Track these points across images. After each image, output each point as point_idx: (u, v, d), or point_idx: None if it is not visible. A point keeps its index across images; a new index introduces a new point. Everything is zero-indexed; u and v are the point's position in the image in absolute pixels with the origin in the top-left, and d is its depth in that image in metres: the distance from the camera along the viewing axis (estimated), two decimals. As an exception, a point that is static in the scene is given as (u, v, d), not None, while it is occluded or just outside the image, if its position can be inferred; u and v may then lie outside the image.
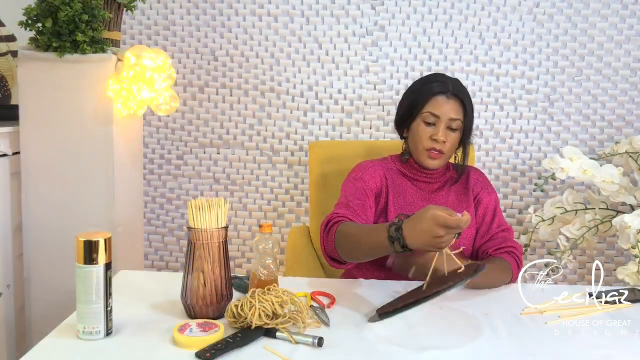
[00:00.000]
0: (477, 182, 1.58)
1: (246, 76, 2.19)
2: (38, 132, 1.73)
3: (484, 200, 1.55)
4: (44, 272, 1.78)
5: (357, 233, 1.32)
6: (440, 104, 1.48)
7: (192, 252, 1.18)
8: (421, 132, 1.50)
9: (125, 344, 1.07)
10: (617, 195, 1.80)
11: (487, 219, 1.54)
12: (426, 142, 1.49)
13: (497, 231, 1.52)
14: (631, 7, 2.12)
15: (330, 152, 1.92)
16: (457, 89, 1.50)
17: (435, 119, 1.48)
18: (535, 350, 1.08)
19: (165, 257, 2.32)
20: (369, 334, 1.13)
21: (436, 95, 1.49)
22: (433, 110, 1.48)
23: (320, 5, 2.15)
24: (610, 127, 2.19)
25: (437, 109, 1.48)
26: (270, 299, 1.11)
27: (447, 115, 1.47)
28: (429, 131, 1.49)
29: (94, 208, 1.75)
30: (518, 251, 1.48)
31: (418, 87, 1.55)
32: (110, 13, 1.74)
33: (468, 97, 1.52)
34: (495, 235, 1.52)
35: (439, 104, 1.48)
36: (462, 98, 1.49)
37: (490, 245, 1.50)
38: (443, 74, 1.57)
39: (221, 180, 2.26)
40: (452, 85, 1.50)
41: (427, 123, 1.49)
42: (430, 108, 1.49)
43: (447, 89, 1.49)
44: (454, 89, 1.49)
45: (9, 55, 2.04)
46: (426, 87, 1.51)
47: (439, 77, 1.54)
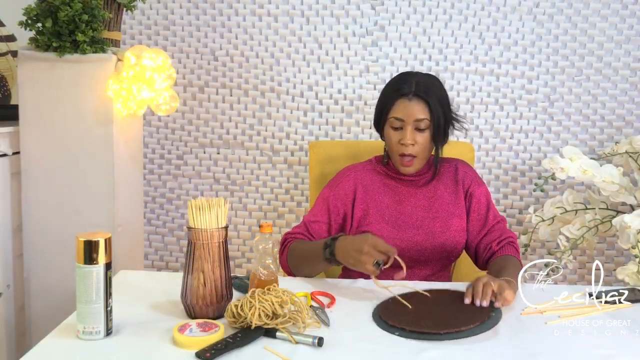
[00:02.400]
0: (467, 175, 1.60)
1: (246, 76, 2.19)
2: (38, 132, 1.73)
3: (475, 193, 1.57)
4: (44, 272, 1.78)
5: (304, 247, 1.46)
6: (403, 107, 1.48)
7: (192, 252, 1.18)
8: (391, 138, 1.52)
9: (125, 344, 1.07)
10: (617, 195, 1.80)
11: (482, 211, 1.56)
12: (396, 147, 1.51)
13: (494, 223, 1.55)
14: (631, 7, 2.12)
15: (330, 152, 1.92)
16: (420, 88, 1.48)
17: (401, 123, 1.49)
18: (535, 350, 1.08)
19: (165, 257, 2.32)
20: (369, 334, 1.13)
21: (399, 99, 1.49)
22: (397, 115, 1.49)
23: (320, 5, 2.15)
24: (610, 127, 2.19)
25: (401, 112, 1.49)
26: (270, 299, 1.11)
27: (412, 117, 1.48)
28: (397, 136, 1.50)
29: (94, 208, 1.75)
30: (515, 240, 1.54)
31: (384, 92, 1.56)
32: (110, 13, 1.74)
33: (434, 94, 1.49)
34: (493, 228, 1.54)
35: (402, 108, 1.48)
36: (426, 97, 1.47)
37: (491, 238, 1.53)
38: (409, 74, 1.55)
39: (221, 180, 2.26)
40: (416, 86, 1.48)
41: (395, 128, 1.51)
42: (394, 113, 1.50)
43: (410, 91, 1.48)
44: (417, 89, 1.48)
45: (9, 55, 2.04)
46: (390, 92, 1.52)
47: (403, 78, 1.52)
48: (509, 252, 1.48)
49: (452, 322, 1.12)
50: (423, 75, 1.54)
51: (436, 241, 1.52)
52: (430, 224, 1.53)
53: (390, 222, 1.53)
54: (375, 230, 1.51)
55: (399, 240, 1.50)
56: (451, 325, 1.11)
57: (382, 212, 1.54)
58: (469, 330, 1.10)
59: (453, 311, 1.18)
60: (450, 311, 1.18)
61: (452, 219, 1.54)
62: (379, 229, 1.51)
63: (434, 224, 1.53)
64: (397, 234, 1.52)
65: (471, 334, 1.10)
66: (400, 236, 1.51)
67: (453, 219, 1.54)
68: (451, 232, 1.53)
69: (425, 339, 1.10)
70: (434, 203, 1.55)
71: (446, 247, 1.52)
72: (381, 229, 1.51)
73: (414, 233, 1.52)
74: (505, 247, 1.50)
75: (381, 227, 1.52)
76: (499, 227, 1.55)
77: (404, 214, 1.54)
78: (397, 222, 1.54)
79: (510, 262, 1.42)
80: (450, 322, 1.13)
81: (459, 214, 1.55)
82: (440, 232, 1.52)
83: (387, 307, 1.24)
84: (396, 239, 1.50)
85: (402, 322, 1.15)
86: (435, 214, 1.54)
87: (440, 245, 1.52)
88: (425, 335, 1.10)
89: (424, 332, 1.11)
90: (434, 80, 1.53)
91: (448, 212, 1.55)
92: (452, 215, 1.55)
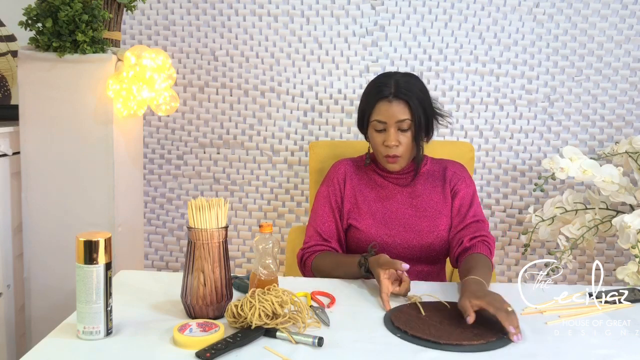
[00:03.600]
0: (455, 175, 1.61)
1: (246, 76, 2.19)
2: (38, 132, 1.73)
3: (460, 192, 1.58)
4: (44, 272, 1.78)
5: (331, 267, 1.50)
6: (384, 109, 1.49)
7: (192, 252, 1.18)
8: (375, 139, 1.54)
9: (125, 344, 1.07)
10: (617, 195, 1.80)
11: (462, 209, 1.56)
12: (381, 149, 1.53)
13: (471, 220, 1.54)
14: (631, 7, 2.12)
15: (330, 152, 1.92)
16: (399, 89, 1.49)
17: (384, 125, 1.50)
18: (535, 350, 1.08)
19: (165, 257, 2.32)
20: (369, 334, 1.13)
21: (379, 102, 1.50)
22: (379, 118, 1.50)
23: (320, 5, 2.15)
24: (610, 127, 2.19)
25: (382, 115, 1.50)
26: (270, 299, 1.11)
27: (394, 119, 1.49)
28: (381, 137, 1.52)
29: (94, 208, 1.75)
30: (492, 241, 1.51)
31: (365, 95, 1.57)
32: (111, 13, 1.74)
33: (414, 94, 1.49)
34: (469, 225, 1.53)
35: (384, 110, 1.49)
36: (406, 98, 1.48)
37: (464, 233, 1.51)
38: (388, 75, 1.55)
39: (221, 180, 2.26)
40: (395, 87, 1.49)
41: (378, 130, 1.52)
42: (376, 116, 1.51)
43: (390, 93, 1.49)
44: (397, 91, 1.48)
45: (9, 55, 2.04)
46: (370, 95, 1.53)
47: (383, 80, 1.53)
48: (481, 251, 1.45)
49: (455, 336, 1.11)
50: (402, 75, 1.54)
51: (424, 240, 1.53)
52: (418, 223, 1.54)
53: (377, 218, 1.56)
54: (364, 225, 1.54)
55: (386, 236, 1.53)
56: (454, 337, 1.11)
57: (369, 206, 1.57)
58: (470, 346, 1.09)
59: (464, 326, 1.15)
60: (461, 325, 1.15)
61: (440, 218, 1.55)
62: (367, 225, 1.54)
63: (421, 223, 1.54)
64: (385, 231, 1.54)
65: (470, 350, 1.08)
66: (388, 233, 1.54)
67: (441, 218, 1.55)
68: (439, 231, 1.54)
69: (423, 345, 1.09)
70: (421, 202, 1.57)
71: (434, 246, 1.54)
72: (369, 225, 1.54)
73: (401, 231, 1.54)
74: (478, 244, 1.47)
75: (369, 223, 1.55)
76: (476, 225, 1.53)
77: (390, 210, 1.56)
78: (384, 218, 1.56)
79: (480, 262, 1.39)
80: (454, 335, 1.12)
81: (446, 213, 1.56)
82: (428, 232, 1.53)
83: (401, 309, 1.24)
84: (384, 236, 1.53)
85: (407, 325, 1.15)
86: (423, 213, 1.55)
87: (429, 245, 1.53)
88: (423, 341, 1.10)
89: (423, 338, 1.10)
90: (414, 80, 1.53)
91: (436, 211, 1.56)
92: (440, 214, 1.56)
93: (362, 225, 1.55)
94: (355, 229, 1.56)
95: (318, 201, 1.62)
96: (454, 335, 1.11)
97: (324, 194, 1.61)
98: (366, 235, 1.54)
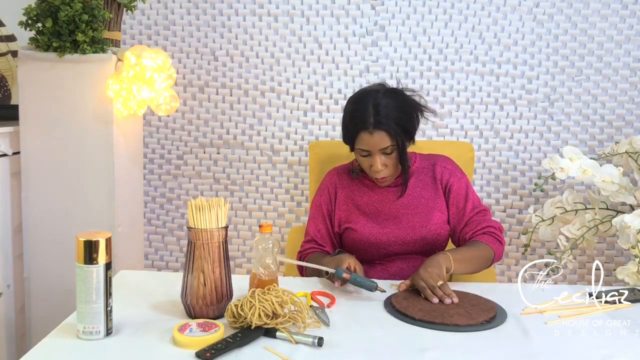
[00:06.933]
0: (445, 171, 1.63)
1: (246, 76, 2.19)
2: (38, 132, 1.73)
3: (454, 187, 1.60)
4: (44, 272, 1.78)
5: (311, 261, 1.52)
6: (366, 140, 1.50)
7: (192, 252, 1.18)
8: (362, 163, 1.58)
9: (125, 344, 1.07)
10: (617, 195, 1.80)
11: (460, 204, 1.59)
12: (369, 171, 1.57)
13: (471, 215, 1.58)
14: (631, 7, 2.12)
15: (330, 152, 1.92)
16: (379, 119, 1.47)
17: (368, 152, 1.52)
18: (535, 350, 1.08)
19: (165, 257, 2.32)
20: (369, 334, 1.14)
21: (360, 133, 1.50)
22: (362, 147, 1.52)
23: (320, 5, 2.15)
24: (610, 127, 2.19)
25: (365, 145, 1.51)
26: (270, 299, 1.11)
27: (377, 148, 1.51)
28: (367, 162, 1.55)
29: (94, 208, 1.75)
30: (496, 229, 1.56)
31: (346, 122, 1.56)
32: (111, 13, 1.74)
33: (393, 119, 1.48)
34: (470, 220, 1.58)
35: (365, 141, 1.50)
36: (386, 128, 1.47)
37: (467, 230, 1.57)
38: (366, 98, 1.51)
39: (221, 180, 2.26)
40: (374, 117, 1.47)
41: (363, 155, 1.54)
42: (359, 145, 1.53)
43: (370, 124, 1.47)
44: (376, 122, 1.47)
45: (9, 55, 2.04)
46: (351, 125, 1.53)
47: (361, 108, 1.50)
48: (481, 240, 1.52)
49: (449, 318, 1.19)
50: (380, 96, 1.51)
51: (417, 235, 1.56)
52: (411, 219, 1.58)
53: (372, 218, 1.59)
54: (360, 226, 1.58)
55: (382, 235, 1.57)
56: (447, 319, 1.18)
57: (363, 209, 1.61)
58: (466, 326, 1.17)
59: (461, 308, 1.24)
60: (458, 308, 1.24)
61: (433, 212, 1.58)
62: (363, 225, 1.58)
63: (414, 218, 1.57)
64: (380, 230, 1.57)
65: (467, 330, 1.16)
66: (382, 231, 1.57)
67: (434, 212, 1.58)
68: (432, 225, 1.57)
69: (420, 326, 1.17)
70: (413, 200, 1.60)
71: (427, 239, 1.57)
72: (365, 225, 1.58)
73: (394, 228, 1.57)
74: (480, 235, 1.54)
75: (365, 224, 1.59)
76: (477, 218, 1.57)
77: (383, 210, 1.60)
78: (378, 218, 1.59)
79: (467, 244, 1.52)
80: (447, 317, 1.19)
81: (439, 208, 1.59)
82: (421, 226, 1.56)
83: (401, 295, 1.33)
84: (379, 234, 1.57)
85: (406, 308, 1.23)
86: (415, 210, 1.58)
87: (422, 239, 1.56)
88: (420, 322, 1.18)
89: (421, 319, 1.19)
90: (391, 100, 1.50)
91: (428, 207, 1.59)
92: (433, 209, 1.58)
93: (357, 226, 1.59)
94: (351, 230, 1.60)
95: (312, 209, 1.69)
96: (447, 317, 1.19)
97: (317, 203, 1.68)
98: (361, 235, 1.58)
